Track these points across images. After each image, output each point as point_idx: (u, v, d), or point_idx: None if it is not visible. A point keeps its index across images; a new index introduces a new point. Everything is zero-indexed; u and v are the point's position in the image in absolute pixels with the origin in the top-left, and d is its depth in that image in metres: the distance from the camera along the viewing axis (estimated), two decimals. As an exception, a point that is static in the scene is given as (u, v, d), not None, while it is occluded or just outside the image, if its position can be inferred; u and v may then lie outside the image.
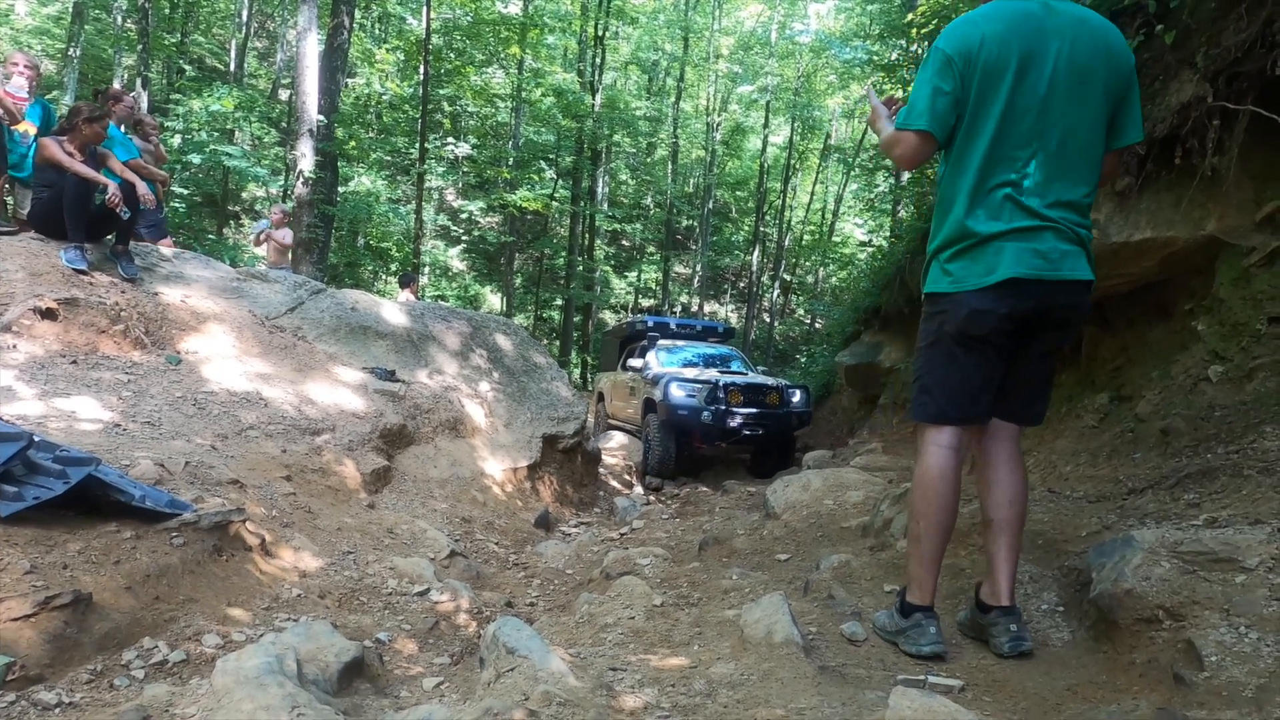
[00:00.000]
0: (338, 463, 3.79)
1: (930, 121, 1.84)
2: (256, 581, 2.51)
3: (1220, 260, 3.23)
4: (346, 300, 5.64)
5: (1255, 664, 1.43)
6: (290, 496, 3.23)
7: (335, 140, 12.37)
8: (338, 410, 4.25)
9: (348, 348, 5.14)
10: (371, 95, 17.02)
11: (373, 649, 2.27)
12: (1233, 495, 2.21)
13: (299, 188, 10.92)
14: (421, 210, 15.60)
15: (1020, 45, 1.77)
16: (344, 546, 3.11)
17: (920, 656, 1.83)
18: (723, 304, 25.27)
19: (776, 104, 22.19)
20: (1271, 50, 2.79)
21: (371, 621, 2.56)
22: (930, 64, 1.86)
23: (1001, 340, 1.86)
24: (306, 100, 10.75)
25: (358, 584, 2.82)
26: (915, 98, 1.88)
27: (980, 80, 1.80)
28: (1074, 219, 1.82)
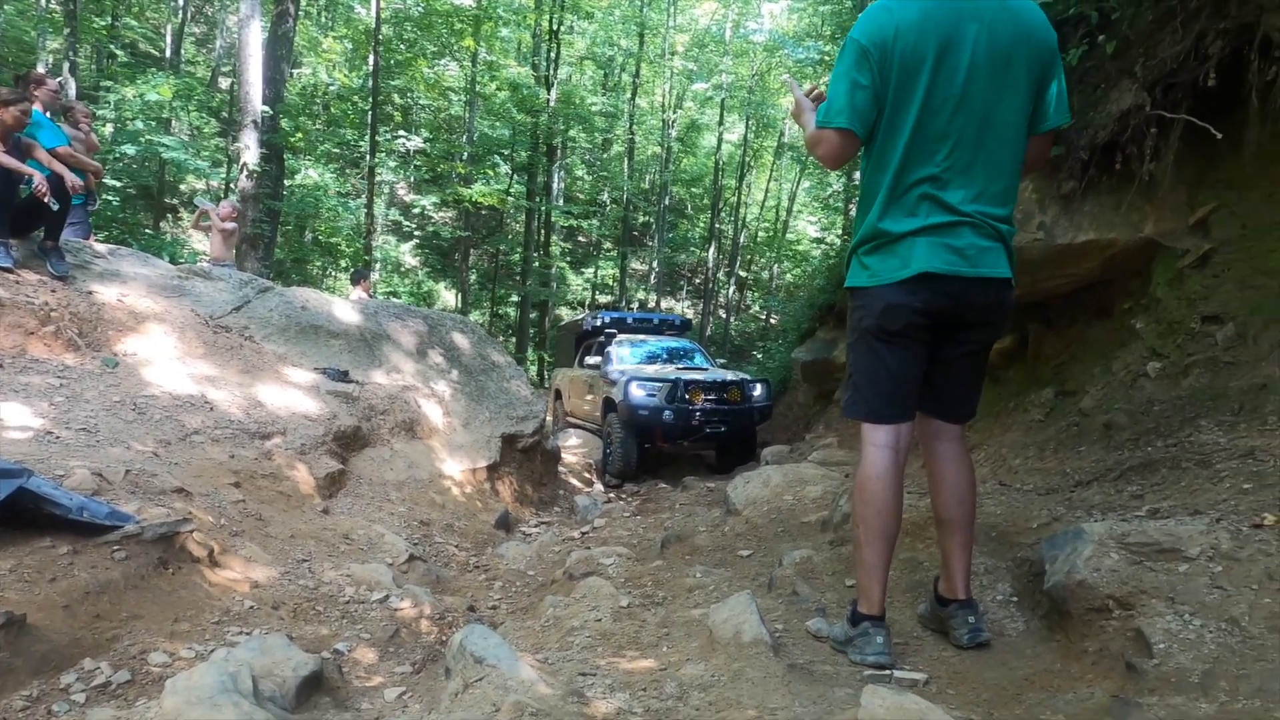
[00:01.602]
0: (289, 467, 3.66)
1: (850, 118, 1.76)
2: (206, 595, 2.40)
3: (1157, 262, 3.39)
4: (296, 298, 5.45)
5: (1200, 650, 1.50)
6: (240, 504, 3.11)
7: (281, 132, 11.94)
8: (288, 413, 4.10)
9: (298, 348, 4.97)
10: (318, 86, 16.50)
11: (331, 661, 2.20)
12: (1172, 487, 2.32)
13: (243, 181, 10.51)
14: (373, 205, 15.22)
15: (937, 32, 1.69)
16: (298, 554, 3.00)
17: (865, 665, 1.82)
18: (679, 300, 25.38)
19: (731, 102, 22.37)
20: (1204, 62, 2.94)
21: (329, 632, 2.48)
22: (846, 56, 1.77)
23: (919, 335, 1.82)
24: (250, 90, 10.35)
25: (313, 593, 2.72)
26: (833, 93, 1.80)
27: (898, 71, 1.72)
28: (994, 214, 1.77)
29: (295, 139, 13.67)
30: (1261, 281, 2.85)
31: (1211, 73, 2.89)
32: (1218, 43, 2.88)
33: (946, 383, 1.92)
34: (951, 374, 1.91)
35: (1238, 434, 2.37)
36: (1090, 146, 3.35)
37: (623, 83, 23.18)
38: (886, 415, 1.87)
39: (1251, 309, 2.82)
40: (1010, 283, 1.82)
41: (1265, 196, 2.97)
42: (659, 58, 21.78)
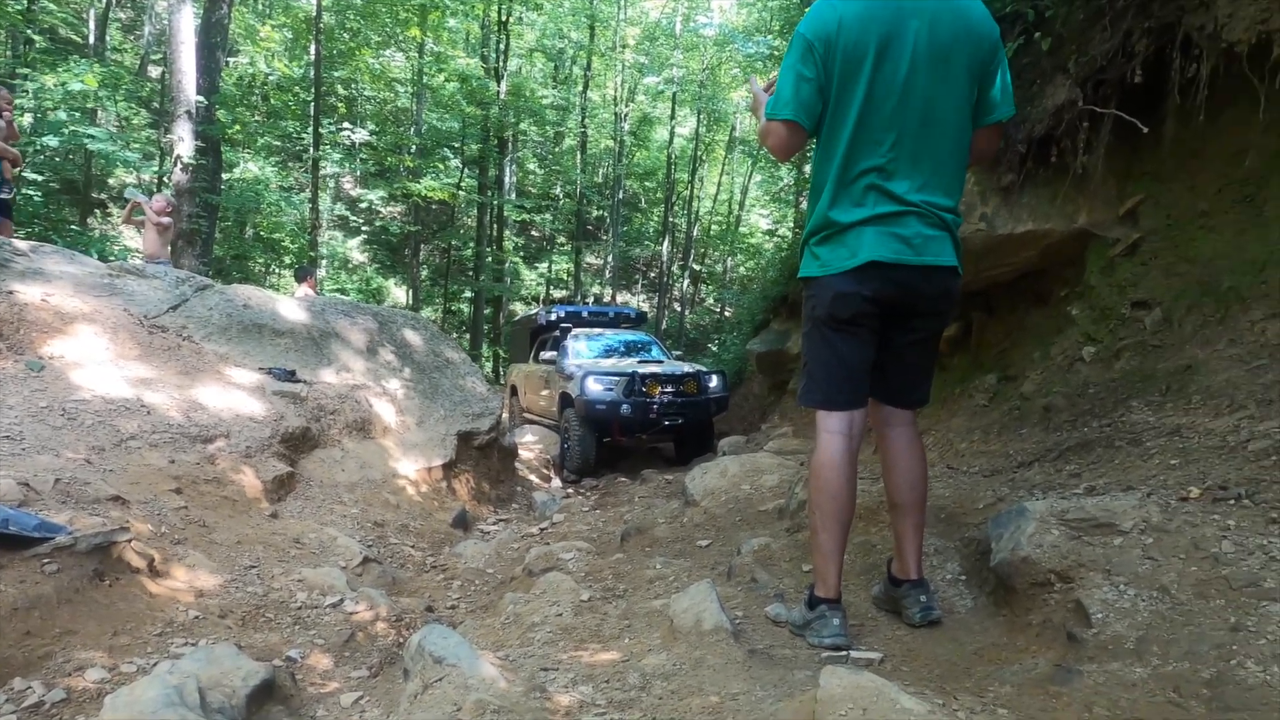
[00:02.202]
0: (234, 471, 3.53)
1: (796, 110, 1.81)
2: (146, 606, 2.30)
3: (1090, 251, 3.54)
4: (237, 296, 5.25)
5: (1134, 618, 1.58)
6: (181, 511, 2.98)
7: (218, 123, 11.46)
8: (232, 415, 3.95)
9: (241, 347, 4.79)
10: (257, 75, 15.86)
11: (284, 668, 2.13)
12: (1107, 465, 2.44)
13: (177, 174, 10.06)
14: (317, 199, 14.75)
15: (879, 27, 1.74)
16: (245, 561, 2.90)
17: (822, 647, 1.86)
18: (635, 294, 25.40)
19: (683, 96, 22.44)
20: (1131, 59, 3.08)
21: (280, 639, 2.41)
22: (792, 50, 1.82)
23: (869, 324, 1.86)
24: (183, 79, 9.89)
25: (263, 600, 2.64)
26: (780, 87, 1.85)
27: (841, 65, 1.76)
28: (939, 203, 1.81)
29: (233, 130, 13.13)
30: (1184, 269, 3.01)
31: (1138, 70, 3.03)
32: (1143, 41, 3.02)
33: (897, 369, 1.96)
34: (902, 361, 1.95)
35: (1165, 413, 2.50)
36: (1027, 140, 3.48)
37: (574, 75, 23.00)
38: (839, 402, 1.90)
39: (1176, 295, 2.98)
40: (956, 271, 1.86)
41: (1186, 188, 3.13)
42: (610, 51, 21.70)
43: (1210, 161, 3.04)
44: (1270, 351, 2.36)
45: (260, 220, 15.68)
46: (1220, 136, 2.98)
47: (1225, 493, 1.88)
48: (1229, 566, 1.62)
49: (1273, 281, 2.55)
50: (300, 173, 17.52)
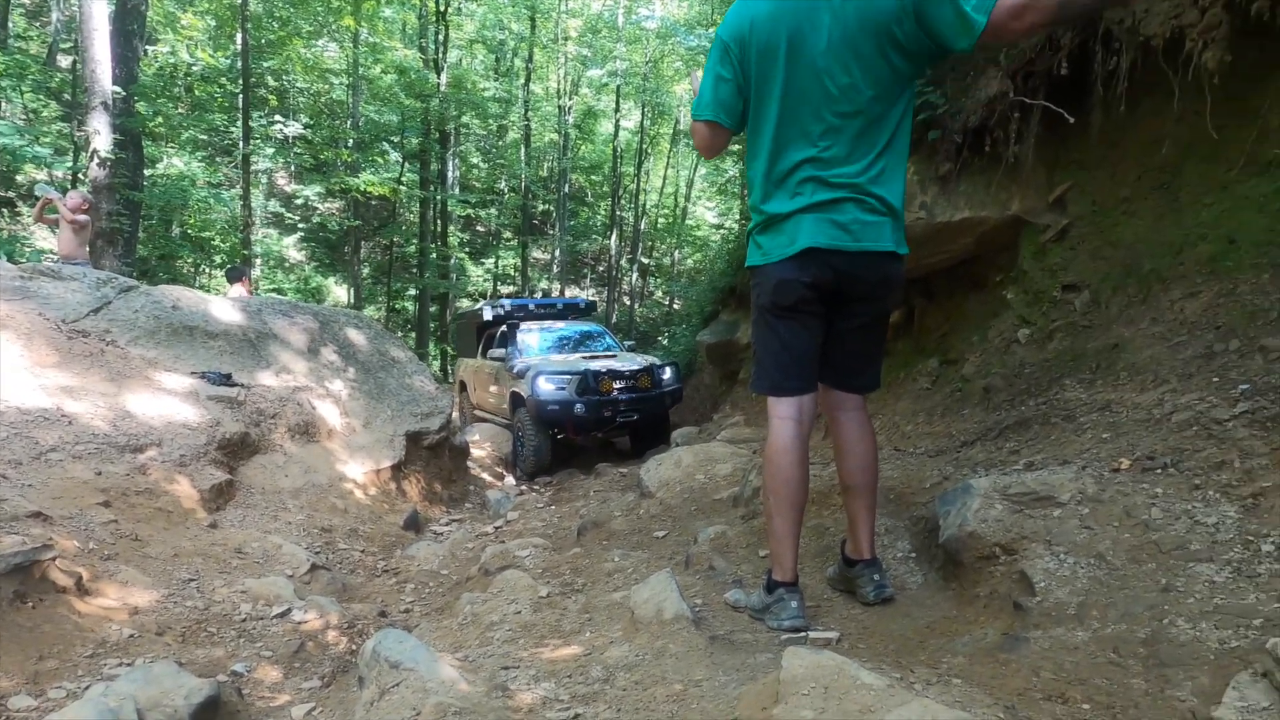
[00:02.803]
0: (168, 481, 3.35)
1: (715, 110, 1.86)
2: (75, 627, 2.16)
3: (1023, 237, 3.69)
4: (165, 298, 4.98)
5: (1074, 585, 1.66)
6: (111, 525, 2.82)
7: (137, 116, 10.84)
8: (164, 422, 3.76)
9: (171, 351, 4.55)
10: (179, 65, 15.07)
11: (229, 683, 2.04)
12: (1044, 441, 2.55)
13: (94, 169, 9.46)
14: (249, 195, 14.13)
15: (789, 22, 1.76)
16: (183, 574, 2.76)
17: (781, 630, 1.89)
18: (584, 288, 25.27)
19: (627, 89, 22.37)
20: (1057, 52, 3.21)
21: (225, 653, 2.30)
22: (712, 52, 1.88)
23: (812, 309, 1.88)
24: (97, 69, 9.30)
25: (204, 614, 2.52)
26: (701, 88, 1.91)
27: (757, 63, 1.80)
28: (877, 188, 1.81)
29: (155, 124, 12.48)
30: (1110, 253, 3.16)
31: (1063, 62, 3.16)
32: (1067, 35, 3.15)
33: (843, 355, 1.99)
34: (847, 346, 1.98)
35: (1096, 390, 2.63)
36: (963, 130, 3.59)
37: (516, 68, 22.65)
38: (787, 388, 1.93)
39: (1102, 278, 3.13)
40: (895, 255, 1.88)
41: (1109, 176, 3.29)
42: (552, 43, 21.44)
43: (1130, 150, 3.20)
44: (1188, 328, 2.50)
45: (188, 218, 14.91)
46: (1139, 127, 3.13)
47: (1153, 462, 1.98)
48: (1158, 532, 1.71)
49: (1189, 263, 2.70)
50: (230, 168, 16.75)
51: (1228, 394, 2.09)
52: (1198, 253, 2.67)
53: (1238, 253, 2.52)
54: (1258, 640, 1.27)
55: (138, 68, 11.17)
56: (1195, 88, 2.72)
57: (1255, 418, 1.93)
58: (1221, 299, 2.46)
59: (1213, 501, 1.74)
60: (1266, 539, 1.55)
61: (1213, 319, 2.43)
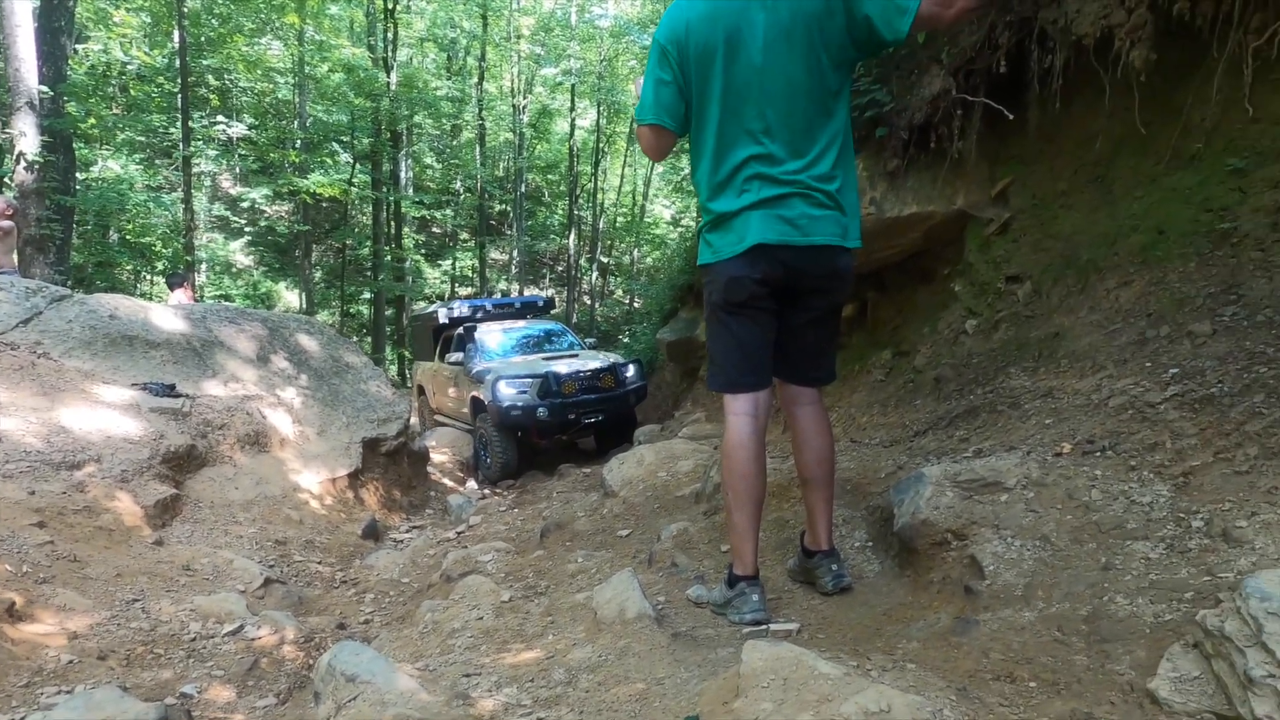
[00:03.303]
0: (108, 498, 3.22)
1: (657, 113, 1.88)
2: (9, 655, 2.06)
3: (968, 230, 3.79)
4: (102, 306, 4.78)
5: (1021, 567, 1.71)
6: (47, 546, 2.69)
7: (67, 116, 10.34)
8: (103, 437, 3.60)
9: (109, 362, 4.37)
10: (113, 64, 14.43)
11: (179, 705, 1.97)
12: (991, 428, 2.63)
13: (20, 173, 9.00)
14: (191, 199, 13.63)
15: (724, 22, 1.79)
16: (127, 594, 2.66)
17: (744, 623, 1.90)
18: (543, 288, 25.10)
19: (581, 87, 22.26)
20: (995, 51, 3.31)
21: (173, 675, 2.22)
22: (650, 56, 1.90)
23: (764, 305, 1.90)
24: (21, 67, 8.85)
25: (150, 635, 2.42)
26: (643, 92, 1.93)
27: (696, 65, 1.82)
28: (824, 182, 1.83)
29: (87, 125, 11.92)
30: (1049, 244, 3.28)
31: (1002, 60, 3.26)
32: (1005, 34, 3.24)
33: (796, 349, 2.00)
34: (800, 340, 2.00)
35: (1039, 377, 2.72)
36: (909, 127, 3.67)
37: (468, 66, 22.34)
38: (742, 384, 1.95)
39: (1043, 269, 3.24)
40: (844, 249, 1.90)
41: (1047, 170, 3.41)
42: (505, 41, 21.20)
43: (1066, 145, 3.32)
44: (1123, 316, 2.61)
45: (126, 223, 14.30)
46: (1074, 122, 3.25)
47: (1092, 446, 2.07)
48: (1098, 512, 1.78)
49: (1122, 253, 2.81)
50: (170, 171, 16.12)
51: (1159, 378, 2.18)
52: (1130, 243, 2.78)
53: (1166, 243, 2.63)
54: (1189, 613, 1.33)
55: (66, 66, 10.66)
56: (1124, 85, 2.83)
57: (1184, 400, 2.03)
58: (1153, 287, 2.57)
59: (1147, 481, 1.82)
60: (1196, 515, 1.63)
61: (1145, 306, 2.54)
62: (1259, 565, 1.40)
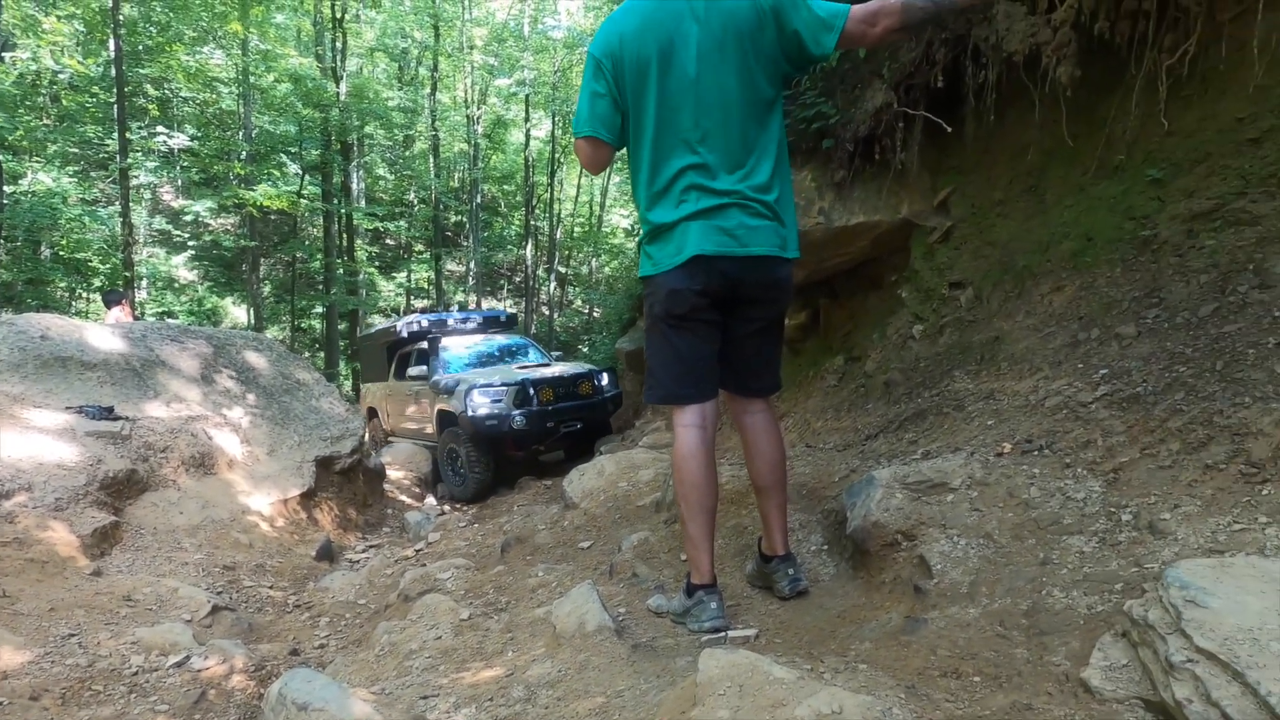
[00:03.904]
0: (40, 528, 3.07)
1: (593, 126, 1.89)
2: (-69, 700, 1.94)
3: (913, 238, 3.92)
4: (32, 326, 4.56)
5: (967, 565, 1.78)
6: (-27, 582, 2.55)
7: (-7, 128, 9.88)
8: (34, 464, 3.43)
9: (41, 385, 4.17)
10: (43, 73, 13.84)
11: (119, 745, 1.89)
12: (938, 430, 2.71)
13: (-58, 188, 8.55)
14: (129, 212, 13.12)
15: (657, 35, 1.81)
16: (62, 629, 2.53)
17: (703, 631, 1.91)
18: (501, 299, 24.91)
19: (536, 98, 22.24)
20: (933, 67, 3.44)
21: (113, 712, 2.13)
22: (586, 70, 1.92)
23: (706, 317, 1.90)
24: (-59, 76, 8.41)
25: (88, 671, 2.32)
26: (579, 106, 1.94)
27: (630, 78, 1.84)
28: (761, 193, 1.84)
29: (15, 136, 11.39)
30: (989, 251, 3.41)
31: (939, 75, 3.39)
32: (942, 50, 3.38)
33: (741, 360, 2.02)
34: (743, 350, 2.01)
35: (981, 380, 2.83)
36: (854, 140, 3.79)
37: (420, 77, 22.10)
38: (683, 396, 1.95)
39: (983, 275, 3.37)
40: (782, 260, 1.91)
41: (985, 180, 3.55)
42: (457, 51, 21.06)
43: (1001, 156, 3.46)
44: (1056, 320, 2.73)
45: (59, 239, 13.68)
46: (1007, 134, 3.40)
47: (1030, 445, 2.15)
48: (1037, 509, 1.85)
49: (1055, 259, 2.95)
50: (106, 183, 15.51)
51: (1090, 379, 2.29)
52: (1062, 250, 2.92)
53: (1094, 249, 2.77)
54: (1118, 603, 1.40)
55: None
56: (1053, 99, 2.98)
57: (1114, 399, 2.13)
58: (1083, 292, 2.70)
59: (1081, 478, 1.90)
60: (1125, 509, 1.72)
61: (1076, 311, 2.66)
62: (1180, 555, 1.48)
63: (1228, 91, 2.56)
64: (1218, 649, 1.08)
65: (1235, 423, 1.78)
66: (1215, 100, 2.59)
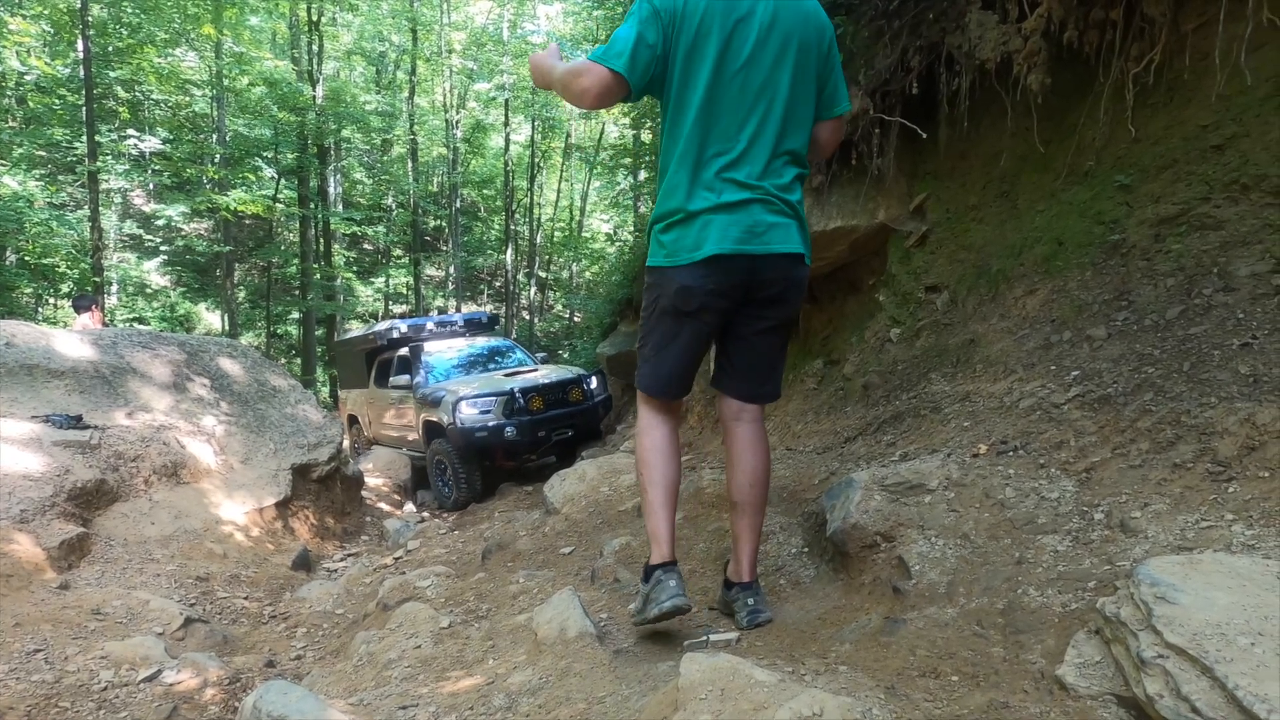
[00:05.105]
0: (5, 541, 2.99)
1: (629, 66, 1.71)
2: (-111, 720, 1.88)
3: (890, 243, 3.96)
4: (-3, 334, 4.45)
5: (944, 565, 1.79)
6: (-66, 597, 2.48)
7: (-45, 130, 9.62)
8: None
9: (6, 394, 4.07)
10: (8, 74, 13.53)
11: (87, 762, 1.84)
12: (915, 432, 2.74)
13: (-98, 192, 8.32)
14: (98, 216, 12.86)
15: (724, 6, 1.72)
16: (28, 645, 2.47)
17: (663, 615, 1.80)
18: (481, 304, 24.78)
19: (516, 102, 22.20)
20: (908, 73, 3.48)
21: (81, 729, 2.07)
22: (638, 11, 1.75)
23: (715, 315, 1.85)
24: (-99, 77, 8.19)
25: (54, 687, 2.26)
26: (618, 38, 1.74)
27: (686, 41, 1.73)
28: (784, 190, 1.80)
29: (-21, 139, 11.11)
30: (964, 255, 3.46)
31: (914, 82, 3.44)
32: (916, 57, 3.43)
33: (746, 362, 1.94)
34: (752, 352, 1.93)
35: (957, 382, 2.86)
36: (831, 145, 3.82)
37: (398, 80, 21.96)
38: (670, 393, 1.95)
39: (959, 279, 3.42)
40: (802, 258, 1.86)
41: (959, 185, 3.60)
42: (435, 55, 20.95)
43: (976, 162, 3.52)
44: (1030, 323, 2.78)
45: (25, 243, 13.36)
46: (981, 140, 3.46)
47: (1006, 446, 2.19)
48: (1012, 509, 1.88)
49: (1028, 263, 3.00)
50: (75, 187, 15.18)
51: (1063, 380, 2.33)
52: (1034, 254, 2.97)
53: (1066, 253, 2.82)
54: (1091, 601, 1.42)
55: (-45, 77, 9.94)
56: (1024, 106, 3.04)
57: (1085, 400, 2.17)
58: (1055, 295, 2.75)
59: (1055, 478, 1.94)
60: (1097, 508, 1.75)
61: (1049, 313, 2.71)
62: (1151, 553, 1.51)
63: (1192, 100, 2.62)
64: (1187, 644, 1.10)
65: (1202, 422, 1.82)
66: (1180, 108, 2.66)
